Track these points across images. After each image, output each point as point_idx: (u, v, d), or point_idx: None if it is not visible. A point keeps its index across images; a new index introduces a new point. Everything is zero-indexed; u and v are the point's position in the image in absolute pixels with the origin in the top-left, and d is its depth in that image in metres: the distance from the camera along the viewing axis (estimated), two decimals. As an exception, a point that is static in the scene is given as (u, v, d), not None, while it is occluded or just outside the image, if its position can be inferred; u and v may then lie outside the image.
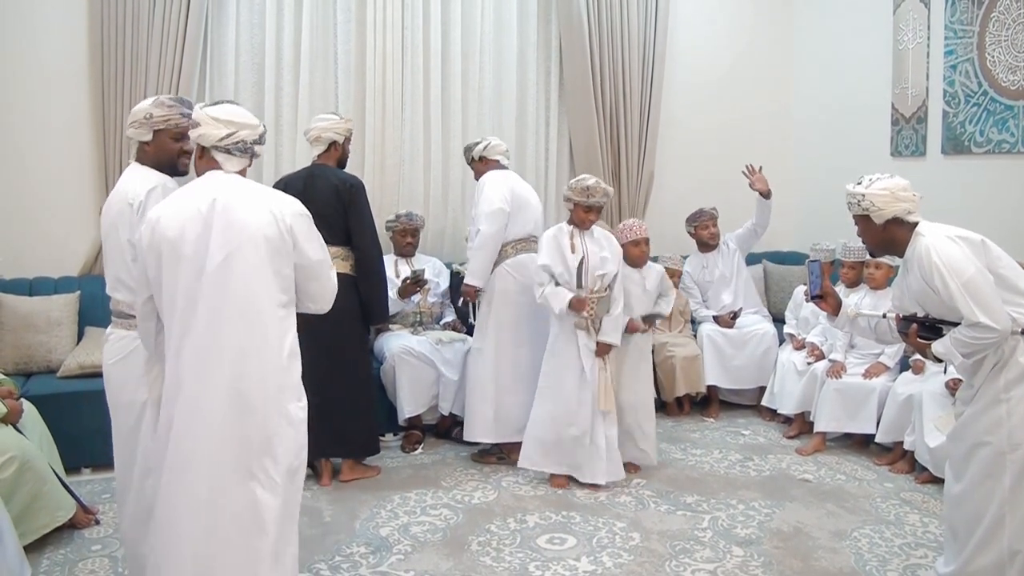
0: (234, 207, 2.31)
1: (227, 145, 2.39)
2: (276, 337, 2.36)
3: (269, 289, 2.33)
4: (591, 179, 3.97)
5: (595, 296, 3.90)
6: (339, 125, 4.07)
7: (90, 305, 4.50)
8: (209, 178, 2.40)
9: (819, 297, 3.04)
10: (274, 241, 2.32)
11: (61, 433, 3.69)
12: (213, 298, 2.28)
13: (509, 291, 4.21)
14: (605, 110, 5.55)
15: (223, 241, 2.29)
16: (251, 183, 2.45)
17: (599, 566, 3.23)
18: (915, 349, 2.83)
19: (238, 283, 2.29)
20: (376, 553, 3.33)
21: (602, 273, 3.94)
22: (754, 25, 6.05)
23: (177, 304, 2.30)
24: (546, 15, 5.55)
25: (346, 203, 3.92)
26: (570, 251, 3.93)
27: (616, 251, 4.03)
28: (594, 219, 4.01)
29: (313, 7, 4.99)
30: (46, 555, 3.26)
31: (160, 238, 2.30)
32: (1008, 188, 4.52)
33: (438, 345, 4.59)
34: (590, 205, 3.95)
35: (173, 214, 2.32)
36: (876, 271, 4.57)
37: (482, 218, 4.17)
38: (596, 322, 3.93)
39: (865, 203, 2.76)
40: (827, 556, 3.30)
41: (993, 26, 4.53)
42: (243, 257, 2.29)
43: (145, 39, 4.64)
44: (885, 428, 4.29)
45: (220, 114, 2.40)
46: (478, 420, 4.24)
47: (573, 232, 3.98)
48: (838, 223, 5.55)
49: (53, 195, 4.70)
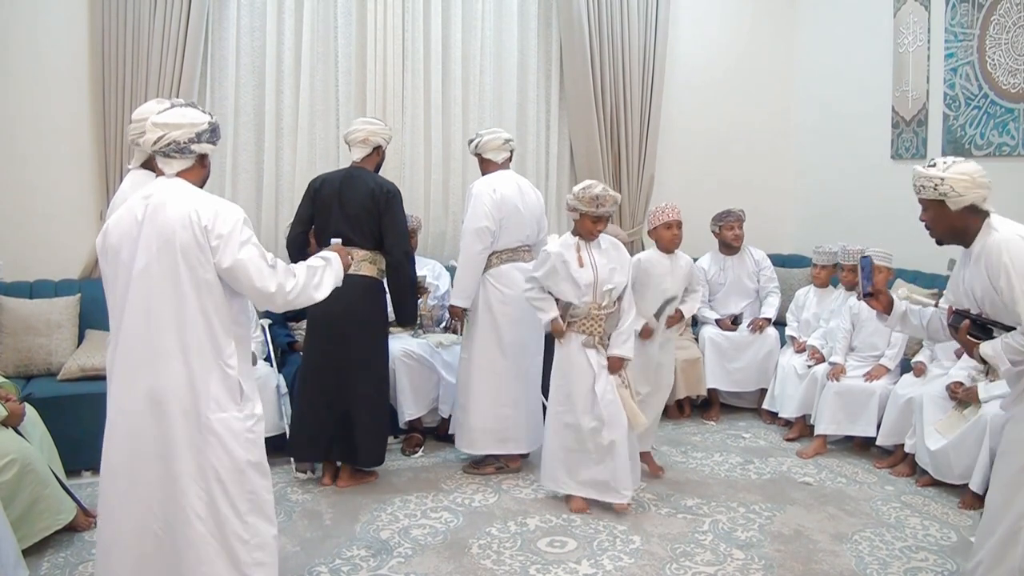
0: (159, 213, 2.35)
1: (162, 148, 2.41)
2: (199, 343, 2.35)
3: (189, 294, 2.34)
4: (599, 186, 3.63)
5: (603, 312, 3.67)
6: (386, 131, 4.11)
7: (90, 308, 4.50)
8: (155, 183, 2.45)
9: (870, 295, 2.92)
10: (189, 246, 2.33)
11: (61, 436, 3.69)
12: (136, 303, 2.34)
13: (492, 302, 4.13)
14: (605, 113, 5.56)
15: (146, 246, 2.33)
16: (187, 187, 2.43)
17: (599, 569, 3.22)
18: (962, 346, 2.67)
19: (158, 288, 2.33)
20: (376, 556, 3.33)
21: (610, 287, 3.67)
22: (754, 28, 6.05)
23: (115, 309, 2.39)
24: (546, 19, 5.56)
25: (382, 208, 3.91)
26: (578, 266, 3.65)
27: (625, 260, 3.77)
28: (602, 230, 3.71)
29: (314, 11, 5.00)
30: (46, 558, 3.25)
31: (107, 244, 2.39)
32: (1009, 190, 4.47)
33: (438, 348, 4.59)
34: (599, 216, 3.64)
35: (116, 220, 2.40)
36: (877, 276, 4.55)
37: (465, 235, 4.11)
38: (605, 338, 3.69)
39: (944, 187, 2.53)
40: (828, 559, 3.30)
41: (993, 29, 4.54)
42: (161, 262, 2.33)
43: (146, 43, 4.65)
44: (886, 431, 4.28)
45: (159, 119, 2.42)
46: (464, 431, 4.20)
47: (580, 245, 3.69)
48: (839, 225, 5.59)
49: (54, 198, 4.71)
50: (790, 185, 6.13)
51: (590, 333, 3.66)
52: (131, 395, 2.35)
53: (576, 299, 3.66)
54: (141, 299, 2.33)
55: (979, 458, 3.69)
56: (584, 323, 3.68)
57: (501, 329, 4.13)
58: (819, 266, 5.06)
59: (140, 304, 2.33)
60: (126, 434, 2.38)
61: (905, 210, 5.13)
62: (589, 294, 3.65)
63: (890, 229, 5.16)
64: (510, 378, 4.15)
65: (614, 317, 3.69)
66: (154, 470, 2.37)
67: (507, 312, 4.12)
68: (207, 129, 2.44)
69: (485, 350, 4.14)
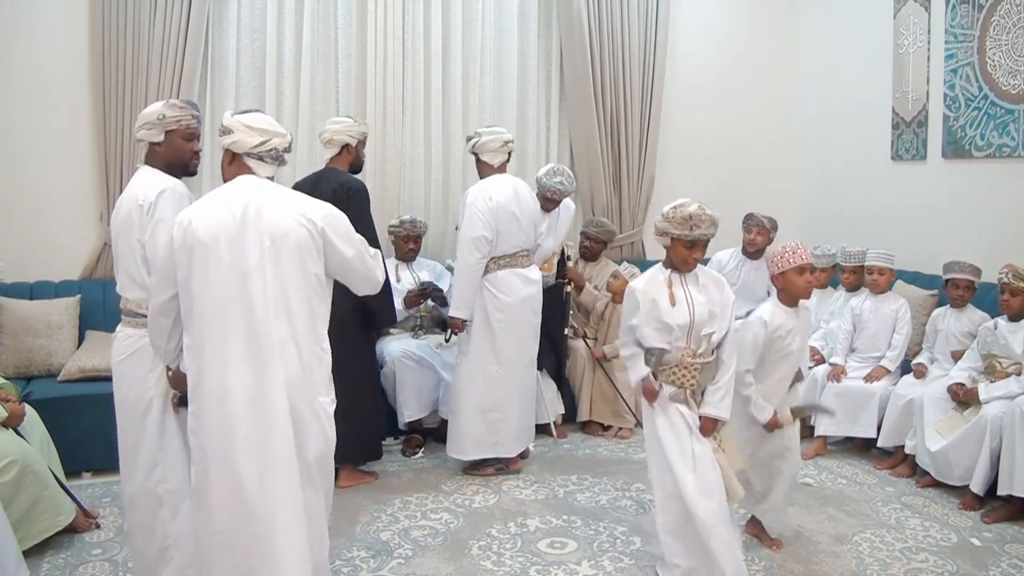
0: (266, 212, 2.42)
1: (260, 152, 2.53)
2: (305, 332, 2.46)
3: (300, 290, 2.44)
4: (693, 204, 2.94)
5: (699, 361, 2.97)
6: (352, 128, 4.05)
7: (91, 309, 4.51)
8: (240, 183, 2.51)
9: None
10: (304, 244, 2.44)
11: (61, 437, 3.69)
12: (247, 300, 2.38)
13: (488, 309, 4.09)
14: (605, 114, 5.56)
15: (256, 244, 2.39)
16: (281, 188, 2.57)
17: (600, 570, 3.23)
18: None
19: (271, 283, 2.40)
20: (377, 557, 3.33)
21: (709, 332, 2.97)
22: (754, 30, 6.05)
23: (207, 305, 2.40)
24: (547, 20, 5.55)
25: (343, 205, 3.87)
26: (669, 304, 2.96)
27: (727, 300, 3.05)
28: (699, 257, 3.02)
29: (314, 11, 5.00)
30: (47, 559, 3.25)
31: (192, 240, 2.40)
32: (1009, 192, 4.52)
33: (438, 349, 4.59)
34: (694, 240, 2.95)
35: (206, 217, 2.42)
36: (879, 277, 4.57)
37: (461, 245, 4.05)
38: (698, 393, 3.01)
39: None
40: (828, 560, 3.30)
41: (994, 30, 4.54)
42: (275, 260, 2.40)
43: (146, 44, 4.65)
44: (886, 432, 4.28)
45: (253, 123, 2.53)
46: (457, 436, 4.17)
47: (672, 279, 3.01)
48: (838, 226, 5.59)
49: (54, 199, 4.70)
50: (790, 186, 6.13)
51: (680, 385, 2.98)
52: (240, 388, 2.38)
53: (666, 344, 2.98)
54: (255, 295, 2.38)
55: (980, 459, 3.70)
56: (675, 372, 2.99)
57: (497, 336, 4.10)
58: (819, 269, 5.04)
59: (254, 299, 2.38)
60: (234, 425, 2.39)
61: (905, 211, 5.20)
62: (683, 338, 2.97)
63: (890, 230, 5.17)
64: (504, 385, 4.12)
65: (711, 368, 3.01)
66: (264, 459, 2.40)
67: (503, 319, 4.09)
68: (291, 140, 2.64)
69: (480, 356, 4.11)
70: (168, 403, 2.71)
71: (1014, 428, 3.56)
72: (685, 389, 2.98)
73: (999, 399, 3.74)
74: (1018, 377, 3.76)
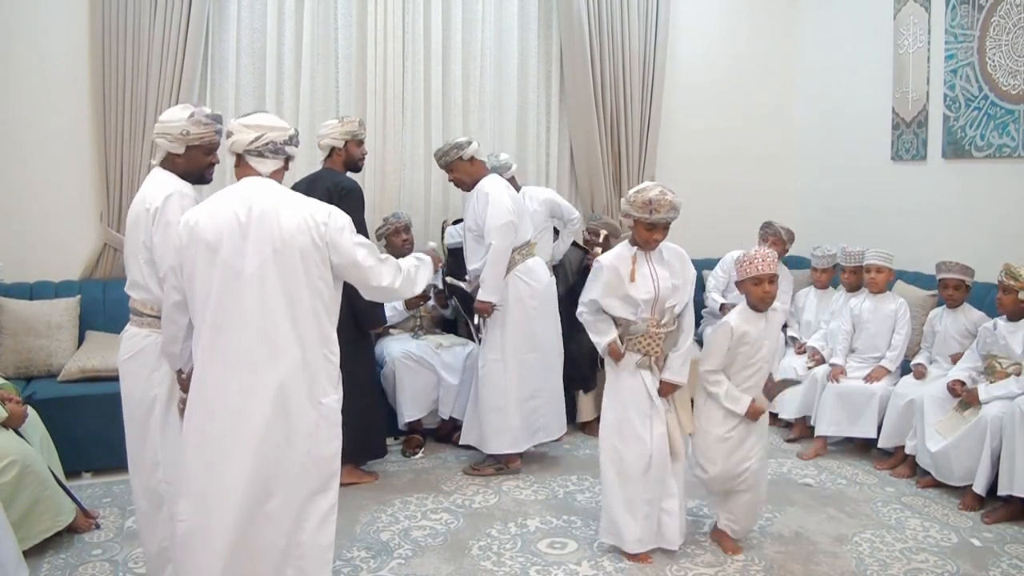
0: (270, 215, 2.41)
1: (258, 147, 2.51)
2: (310, 335, 2.45)
3: (305, 292, 2.43)
4: (655, 189, 3.18)
5: (663, 330, 3.25)
6: (335, 130, 4.04)
7: (91, 309, 4.51)
8: (246, 183, 2.51)
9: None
10: (308, 249, 2.42)
11: (62, 437, 3.69)
12: (248, 302, 2.38)
13: (523, 297, 4.17)
14: (606, 115, 5.55)
15: (259, 248, 2.39)
16: (288, 191, 2.56)
17: (600, 570, 3.23)
18: None
19: (273, 288, 2.39)
20: (377, 558, 3.33)
21: (672, 304, 3.24)
22: (754, 30, 6.05)
23: (209, 305, 2.40)
24: (547, 20, 5.55)
25: (336, 205, 3.87)
26: (630, 280, 3.19)
27: (689, 274, 3.31)
28: (660, 238, 3.24)
29: (314, 12, 5.00)
30: (47, 559, 3.25)
31: (197, 240, 2.40)
32: (1009, 192, 4.52)
33: (438, 349, 4.59)
34: (654, 223, 3.18)
35: (210, 217, 2.42)
36: (877, 275, 4.57)
37: (494, 232, 4.06)
38: (661, 360, 3.27)
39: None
40: (828, 561, 3.30)
41: (994, 30, 4.54)
42: (278, 264, 2.39)
43: (146, 44, 4.64)
44: (886, 432, 4.28)
45: (250, 121, 2.56)
46: (503, 432, 4.16)
47: (637, 256, 3.24)
48: (838, 227, 5.59)
49: (54, 199, 4.70)
50: (790, 186, 6.13)
51: (646, 353, 3.24)
52: (242, 390, 2.38)
53: (631, 316, 3.23)
54: (254, 298, 2.38)
55: (981, 459, 3.69)
56: (641, 342, 3.24)
57: (534, 323, 4.19)
58: (819, 269, 5.06)
59: (253, 302, 2.38)
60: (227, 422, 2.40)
61: (905, 211, 5.20)
62: (648, 310, 3.22)
63: (890, 230, 5.17)
64: (542, 370, 4.23)
65: (674, 335, 3.27)
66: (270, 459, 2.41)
67: (537, 305, 4.20)
68: (295, 133, 2.60)
69: (519, 347, 4.17)
70: (171, 402, 2.72)
71: (1014, 428, 3.56)
72: (650, 356, 3.24)
73: (999, 399, 3.74)
74: (1018, 377, 3.76)
